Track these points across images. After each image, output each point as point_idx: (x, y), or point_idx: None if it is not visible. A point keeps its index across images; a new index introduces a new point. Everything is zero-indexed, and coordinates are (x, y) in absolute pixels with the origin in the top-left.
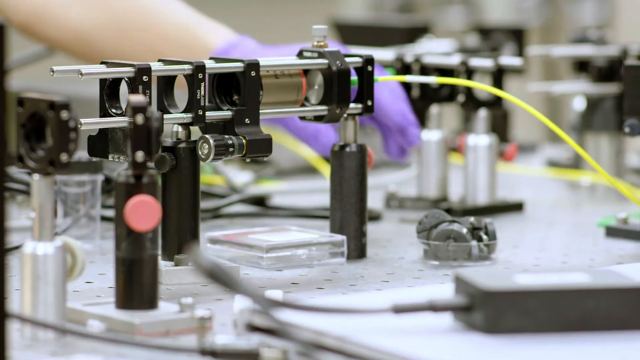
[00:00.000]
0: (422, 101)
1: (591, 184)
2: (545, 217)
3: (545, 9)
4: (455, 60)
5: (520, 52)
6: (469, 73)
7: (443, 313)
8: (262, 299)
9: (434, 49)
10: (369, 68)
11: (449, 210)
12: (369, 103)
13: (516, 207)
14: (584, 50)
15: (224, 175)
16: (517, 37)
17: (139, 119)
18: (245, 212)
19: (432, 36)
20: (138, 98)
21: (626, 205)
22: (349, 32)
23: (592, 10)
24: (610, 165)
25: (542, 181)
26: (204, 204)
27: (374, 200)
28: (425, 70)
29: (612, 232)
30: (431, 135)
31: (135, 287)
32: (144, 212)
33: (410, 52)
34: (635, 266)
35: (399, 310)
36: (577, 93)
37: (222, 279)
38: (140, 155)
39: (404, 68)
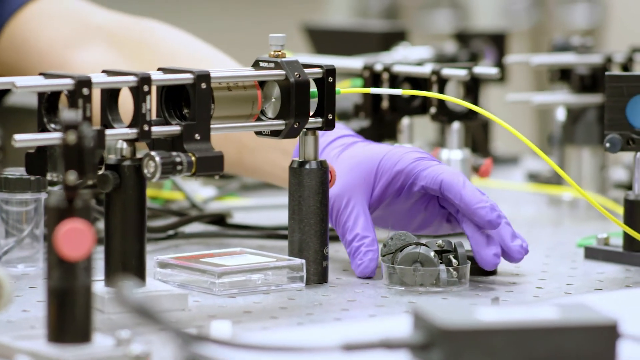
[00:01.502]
0: (393, 113)
1: (573, 199)
2: (523, 234)
3: (535, 12)
4: (427, 69)
5: (501, 59)
6: (442, 83)
7: (398, 351)
8: (187, 336)
9: (411, 56)
10: (330, 79)
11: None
12: (330, 117)
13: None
14: (565, 59)
15: (184, 190)
16: (499, 43)
17: (71, 137)
18: (203, 232)
19: (408, 43)
20: (71, 114)
21: (609, 222)
22: (322, 38)
23: (583, 13)
24: (593, 181)
25: (521, 196)
26: (159, 223)
27: None
28: (395, 80)
29: (592, 253)
30: None
31: (68, 320)
32: (76, 240)
33: (380, 60)
34: (611, 296)
35: (350, 348)
36: (558, 104)
37: (146, 314)
38: (72, 177)
39: (373, 78)
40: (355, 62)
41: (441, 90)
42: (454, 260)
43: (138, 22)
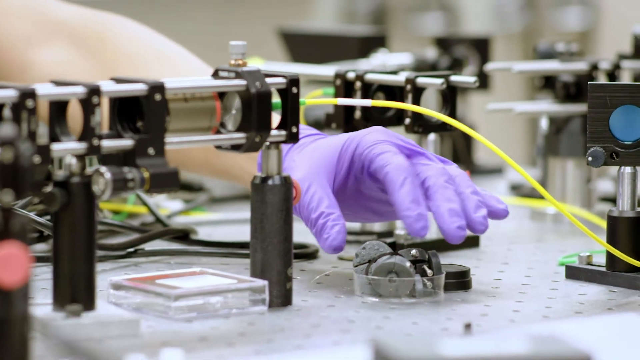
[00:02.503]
0: (366, 123)
1: (557, 212)
2: (502, 254)
3: (526, 14)
4: (401, 78)
5: (485, 62)
6: (417, 92)
7: None
8: None
9: (390, 63)
10: (294, 90)
11: (393, 246)
12: (294, 129)
13: (471, 242)
14: (549, 66)
15: (148, 204)
16: (482, 48)
17: (7, 154)
18: (165, 250)
19: (386, 50)
20: (7, 130)
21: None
22: (298, 43)
23: (575, 16)
24: (578, 194)
25: None
26: (119, 240)
27: (311, 235)
28: (368, 88)
29: (573, 273)
30: None
31: (3, 352)
32: (12, 265)
33: (352, 68)
34: (590, 322)
35: None
36: (541, 113)
37: (73, 349)
38: (7, 198)
39: (345, 86)
40: (327, 70)
41: (416, 100)
42: (428, 270)
43: (102, 18)
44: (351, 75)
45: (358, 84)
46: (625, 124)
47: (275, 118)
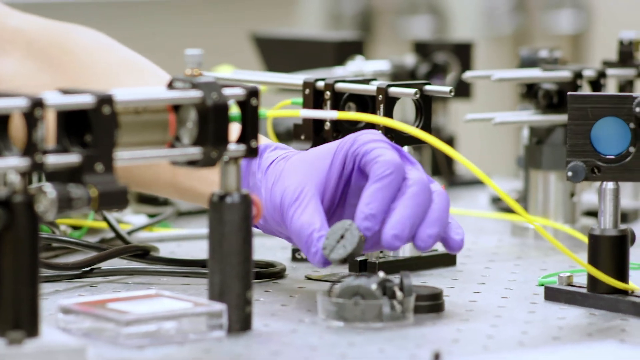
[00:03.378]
0: (336, 135)
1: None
2: (479, 272)
3: (517, 17)
4: (372, 87)
5: (467, 69)
6: (390, 102)
7: None
8: None
9: (368, 70)
10: (253, 101)
11: (364, 264)
12: (253, 144)
13: (447, 261)
14: (530, 73)
15: (107, 219)
16: (464, 54)
17: None
18: (122, 269)
19: (362, 57)
20: None
21: (579, 255)
22: (271, 49)
23: (567, 19)
24: (561, 209)
25: (484, 224)
26: (75, 258)
27: (279, 252)
28: (338, 98)
29: (553, 294)
30: None
31: None
32: None
33: (322, 76)
34: (567, 352)
35: None
36: (522, 123)
37: None
38: None
39: (315, 96)
40: (295, 79)
41: (389, 110)
42: (398, 293)
43: (62, 28)
44: (320, 85)
45: (328, 94)
46: (608, 136)
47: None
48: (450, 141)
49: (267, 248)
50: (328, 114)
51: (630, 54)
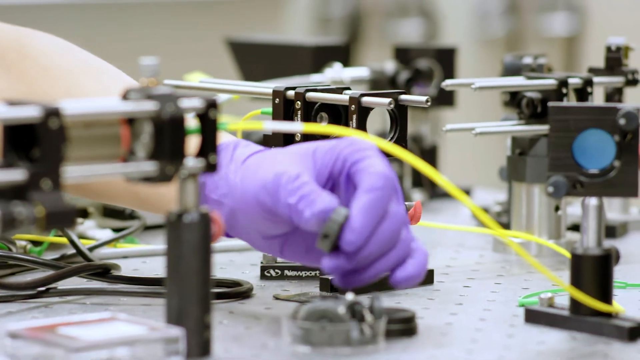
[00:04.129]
0: None
1: (522, 242)
2: (458, 291)
3: (510, 19)
4: (345, 97)
5: (450, 76)
6: (363, 112)
7: None
8: None
9: (345, 78)
10: (212, 113)
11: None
12: (212, 159)
13: (424, 279)
14: (513, 82)
15: (68, 235)
16: (446, 59)
17: None
18: (80, 289)
19: (339, 65)
20: None
21: (563, 273)
22: (246, 54)
23: (561, 21)
24: (545, 223)
25: (464, 238)
26: (32, 277)
27: (249, 268)
28: (310, 108)
29: (533, 316)
30: None
31: None
32: None
33: (293, 84)
34: None
35: None
36: (503, 134)
37: None
38: None
39: (285, 105)
40: (264, 87)
41: (362, 121)
42: (368, 315)
43: (19, 32)
44: (290, 94)
45: (298, 103)
46: (591, 150)
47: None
48: (432, 151)
49: (236, 265)
50: (293, 126)
51: (618, 60)
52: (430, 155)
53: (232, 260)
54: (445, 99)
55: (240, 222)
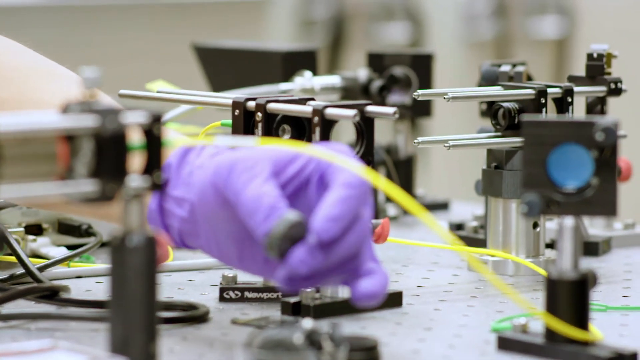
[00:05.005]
0: None
1: (499, 260)
2: (428, 315)
3: (498, 21)
4: (308, 108)
5: (427, 84)
6: (327, 125)
7: None
8: None
9: (317, 85)
10: (156, 129)
11: (297, 307)
12: (157, 178)
13: (392, 301)
14: (488, 92)
15: (17, 253)
16: (423, 66)
17: None
18: (25, 313)
19: (308, 73)
20: None
21: (541, 294)
22: (213, 60)
23: (551, 23)
24: (523, 240)
25: (439, 255)
26: None
27: (208, 289)
28: (271, 120)
29: (506, 344)
30: None
31: None
32: None
33: (254, 95)
34: None
35: None
36: (478, 146)
37: None
38: None
39: (245, 117)
40: (223, 98)
41: (326, 134)
42: (327, 344)
43: None
44: (251, 105)
45: (259, 115)
46: (567, 166)
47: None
48: (409, 161)
49: (195, 286)
50: (246, 141)
51: (600, 68)
52: (406, 167)
53: (192, 280)
54: (421, 108)
55: (199, 223)
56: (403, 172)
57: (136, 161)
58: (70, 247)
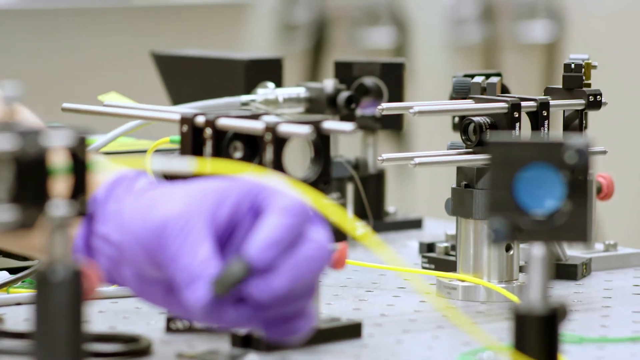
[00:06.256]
0: None
1: (469, 285)
2: (389, 347)
3: (485, 26)
4: (259, 125)
5: (398, 95)
6: (280, 143)
7: None
8: None
9: (281, 97)
10: (81, 152)
11: (247, 339)
12: (83, 204)
13: (351, 332)
14: (457, 105)
15: None
16: (394, 75)
17: None
18: None
19: (271, 85)
20: None
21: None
22: (172, 69)
23: (540, 27)
24: (495, 265)
25: (408, 279)
26: None
27: (154, 319)
28: (221, 137)
29: None
30: None
31: None
32: None
33: (212, 108)
34: None
35: None
36: (447, 164)
37: None
38: None
39: (194, 133)
40: (171, 113)
41: (278, 153)
42: None
43: None
44: (200, 120)
45: (208, 131)
46: (536, 190)
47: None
48: (379, 177)
49: (141, 314)
50: (181, 165)
51: (578, 80)
52: (376, 182)
53: (139, 309)
54: (391, 121)
55: (125, 265)
56: (372, 188)
57: (60, 186)
58: (11, 271)
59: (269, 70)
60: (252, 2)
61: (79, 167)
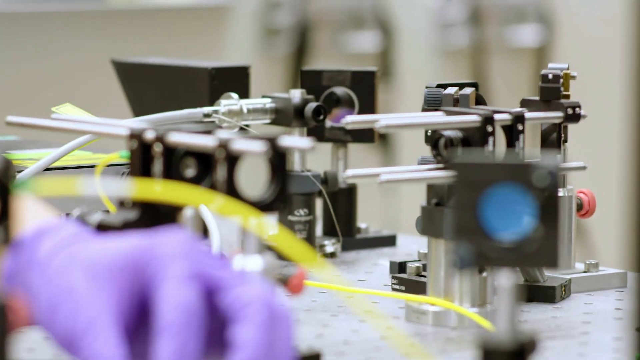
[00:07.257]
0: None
1: (440, 309)
2: None
3: (473, 29)
4: (211, 142)
5: (370, 105)
6: (233, 160)
7: None
8: None
9: (245, 108)
10: (5, 177)
11: None
12: (11, 233)
13: None
14: (426, 119)
15: None
16: (365, 84)
17: None
18: None
19: (235, 95)
20: None
21: None
22: (133, 77)
23: (529, 31)
24: (468, 288)
25: (376, 302)
26: None
27: None
28: (171, 154)
29: None
30: None
31: None
32: None
33: (171, 120)
34: None
35: None
36: (415, 181)
37: None
38: None
39: (143, 149)
40: (119, 127)
41: (231, 171)
42: None
43: None
44: (150, 136)
45: (158, 148)
46: (502, 214)
47: None
48: (350, 192)
49: None
50: (119, 190)
51: (556, 91)
52: (346, 198)
53: None
54: (361, 133)
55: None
56: (343, 203)
57: None
58: None
59: (235, 78)
60: (233, 6)
61: (3, 192)
